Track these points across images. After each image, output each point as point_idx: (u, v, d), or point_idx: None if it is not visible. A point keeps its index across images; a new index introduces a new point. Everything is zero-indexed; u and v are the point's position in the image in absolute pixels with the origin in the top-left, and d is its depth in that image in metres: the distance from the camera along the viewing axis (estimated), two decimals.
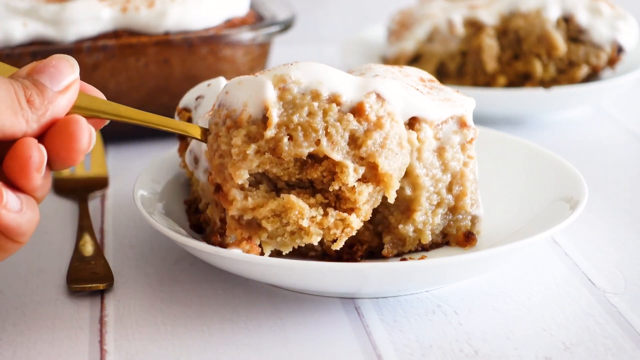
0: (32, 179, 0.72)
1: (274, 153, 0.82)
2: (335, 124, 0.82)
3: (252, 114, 0.82)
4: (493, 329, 0.82)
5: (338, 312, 0.85)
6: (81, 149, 0.73)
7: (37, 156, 0.72)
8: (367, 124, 0.82)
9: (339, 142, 0.82)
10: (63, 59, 0.75)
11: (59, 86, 0.74)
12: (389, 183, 0.83)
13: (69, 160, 0.74)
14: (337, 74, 0.84)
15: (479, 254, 0.81)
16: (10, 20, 1.17)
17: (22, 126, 0.72)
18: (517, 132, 1.28)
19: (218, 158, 0.83)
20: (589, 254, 0.95)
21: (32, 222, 0.74)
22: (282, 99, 0.82)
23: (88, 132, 0.74)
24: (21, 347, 0.80)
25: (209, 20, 1.22)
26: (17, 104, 0.71)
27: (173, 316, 0.85)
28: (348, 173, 0.82)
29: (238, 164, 0.81)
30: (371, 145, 0.82)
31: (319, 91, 0.82)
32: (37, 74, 0.74)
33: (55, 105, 0.73)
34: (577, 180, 0.94)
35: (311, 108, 0.82)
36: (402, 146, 0.84)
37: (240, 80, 0.83)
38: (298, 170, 0.83)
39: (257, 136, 0.81)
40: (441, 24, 1.37)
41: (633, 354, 0.78)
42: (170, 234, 0.85)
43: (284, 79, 0.82)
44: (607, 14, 1.35)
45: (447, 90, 0.93)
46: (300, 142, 0.81)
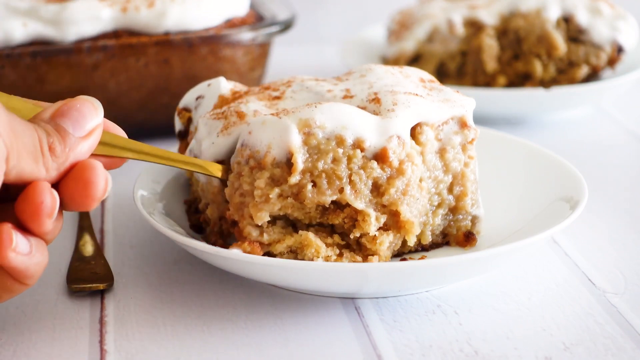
0: (43, 224, 0.71)
1: (296, 198, 0.82)
2: (359, 171, 0.82)
3: (277, 157, 0.82)
4: (493, 329, 0.82)
5: (338, 312, 0.85)
6: (96, 197, 0.73)
7: (50, 202, 0.71)
8: (390, 170, 0.83)
9: (362, 191, 0.82)
10: (87, 101, 0.74)
11: (82, 132, 0.73)
12: (410, 230, 0.85)
13: (84, 206, 0.73)
14: (360, 116, 0.84)
15: (479, 254, 0.81)
16: (11, 20, 1.17)
17: (42, 174, 0.71)
18: (517, 132, 1.28)
19: (239, 197, 0.83)
20: (589, 254, 0.96)
21: (40, 265, 0.73)
22: (307, 144, 0.82)
23: (104, 179, 0.73)
24: (21, 346, 0.80)
25: (209, 20, 1.22)
26: (39, 152, 0.70)
27: (173, 316, 0.85)
28: (370, 222, 0.83)
29: (260, 205, 0.82)
30: (394, 193, 0.83)
31: (343, 136, 0.82)
32: (61, 118, 0.72)
33: (77, 152, 0.72)
34: (577, 180, 0.94)
35: (336, 154, 0.82)
36: (421, 188, 0.86)
37: (264, 120, 0.83)
38: (319, 215, 0.84)
39: (280, 180, 0.82)
40: (441, 24, 1.37)
41: (633, 354, 0.78)
42: (170, 234, 0.85)
43: (309, 123, 0.82)
44: (607, 14, 1.35)
45: (447, 91, 0.93)
46: (324, 189, 0.82)
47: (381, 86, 0.91)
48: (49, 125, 0.72)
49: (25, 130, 0.70)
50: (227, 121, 0.90)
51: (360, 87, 0.91)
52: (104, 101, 1.24)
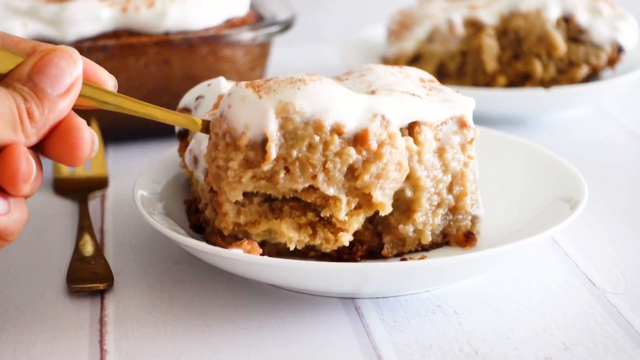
0: (20, 190, 0.71)
1: (269, 181, 0.83)
2: (335, 159, 0.82)
3: (252, 138, 0.81)
4: (493, 329, 0.82)
5: (338, 312, 0.85)
6: (84, 157, 0.72)
7: (26, 168, 0.70)
8: (368, 153, 0.83)
9: (336, 177, 0.83)
10: (65, 55, 0.72)
11: (61, 89, 0.72)
12: (382, 209, 0.86)
13: (72, 164, 0.73)
14: (344, 98, 0.83)
15: (479, 254, 0.81)
16: (11, 20, 1.17)
17: (21, 140, 0.70)
18: (517, 132, 1.28)
19: (215, 168, 0.84)
20: (589, 254, 0.95)
21: (20, 222, 0.73)
22: (284, 128, 0.82)
23: (90, 140, 0.72)
24: (21, 346, 0.80)
25: (209, 20, 1.22)
26: (18, 120, 0.69)
27: (173, 316, 0.85)
28: (340, 208, 0.84)
29: (233, 184, 0.83)
30: (367, 179, 0.83)
31: (322, 122, 0.82)
32: (38, 76, 0.71)
33: (56, 112, 0.71)
34: (577, 180, 0.94)
35: (312, 141, 0.82)
36: (401, 168, 0.85)
37: (244, 96, 0.83)
38: (292, 193, 0.85)
39: (254, 163, 0.82)
40: (441, 24, 1.37)
41: (633, 354, 0.78)
42: (171, 234, 0.85)
43: (288, 108, 0.81)
44: (607, 14, 1.35)
45: (446, 91, 0.93)
46: (297, 177, 0.82)
47: (380, 86, 0.91)
48: (26, 88, 0.71)
49: (2, 98, 0.69)
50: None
51: (359, 86, 0.91)
52: None
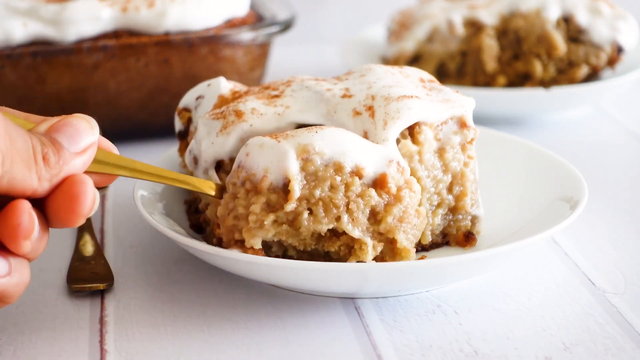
0: (21, 246, 0.69)
1: (291, 225, 0.81)
2: (357, 200, 0.81)
3: (273, 182, 0.80)
4: (493, 329, 0.82)
5: (338, 312, 0.85)
6: (82, 213, 0.70)
7: (27, 223, 0.69)
8: (388, 197, 0.82)
9: (360, 219, 0.81)
10: (83, 119, 0.73)
11: (77, 148, 0.71)
12: (405, 257, 0.84)
13: (68, 222, 0.71)
14: (359, 143, 0.83)
15: (479, 254, 0.81)
16: (11, 20, 1.17)
17: (34, 182, 0.69)
18: (517, 132, 1.28)
19: (232, 219, 0.82)
20: (589, 254, 0.96)
21: (20, 286, 0.71)
22: (305, 170, 0.81)
23: (92, 195, 0.71)
24: (21, 346, 0.80)
25: (209, 20, 1.22)
26: (33, 159, 0.68)
27: (173, 316, 0.85)
28: (367, 252, 0.82)
29: (254, 231, 0.81)
30: (391, 221, 0.82)
31: (342, 163, 0.81)
32: (56, 133, 0.71)
33: (71, 166, 0.70)
34: (577, 180, 0.94)
35: (333, 182, 0.81)
36: (419, 213, 0.84)
37: (262, 143, 0.82)
38: (315, 242, 0.83)
39: (276, 206, 0.80)
40: (441, 24, 1.37)
41: (633, 354, 0.78)
42: (171, 234, 0.85)
43: (308, 149, 0.81)
44: (607, 14, 1.35)
45: (446, 91, 0.93)
46: (321, 218, 0.80)
47: (380, 86, 0.90)
48: (44, 137, 0.70)
49: (20, 135, 0.68)
50: (225, 121, 0.90)
51: (359, 86, 0.91)
52: (104, 101, 1.25)
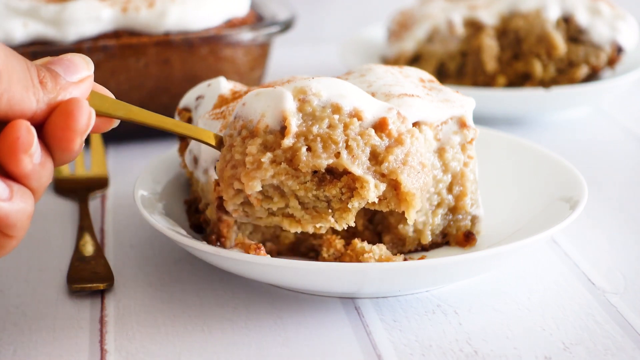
0: (21, 162, 0.67)
1: (290, 164, 0.78)
2: (357, 137, 0.78)
3: (270, 124, 0.78)
4: (493, 328, 0.82)
5: (338, 312, 0.85)
6: (78, 129, 0.69)
7: (26, 136, 0.67)
8: (389, 139, 0.79)
9: (360, 156, 0.78)
10: (78, 56, 0.73)
11: (73, 77, 0.71)
12: (410, 203, 0.79)
13: (65, 141, 0.69)
14: (359, 90, 0.82)
15: (478, 254, 0.81)
16: (11, 20, 1.17)
17: (32, 104, 0.68)
18: (517, 132, 1.28)
19: (230, 169, 0.79)
20: (589, 253, 0.96)
21: (23, 213, 0.69)
22: (302, 111, 0.79)
23: (88, 113, 0.69)
24: (22, 346, 0.81)
25: (209, 20, 1.22)
26: (30, 81, 0.68)
27: (173, 316, 0.85)
28: (369, 188, 0.78)
29: (252, 173, 0.77)
30: (393, 161, 0.78)
31: (340, 105, 0.79)
32: (52, 64, 0.71)
33: (67, 93, 0.70)
34: (577, 180, 0.94)
35: (332, 121, 0.79)
36: (423, 165, 0.81)
37: (258, 92, 0.81)
38: (315, 186, 0.79)
39: (273, 145, 0.78)
40: (441, 24, 1.37)
41: (633, 353, 0.78)
42: (171, 234, 0.86)
43: (304, 90, 0.80)
44: (606, 14, 1.35)
45: (446, 91, 0.93)
46: (319, 153, 0.78)
47: (380, 86, 0.91)
48: (40, 65, 0.70)
49: (15, 56, 0.68)
50: (225, 121, 0.90)
51: (359, 86, 0.92)
52: None
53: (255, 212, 0.81)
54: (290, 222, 0.81)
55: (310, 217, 0.80)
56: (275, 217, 0.81)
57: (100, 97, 0.74)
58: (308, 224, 0.80)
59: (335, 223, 0.80)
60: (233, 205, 0.80)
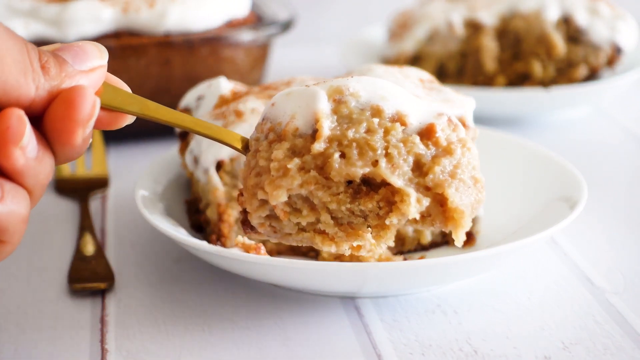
0: (11, 155, 0.60)
1: (321, 172, 0.68)
2: (398, 144, 0.68)
3: (300, 127, 0.69)
4: (492, 328, 0.82)
5: (338, 311, 0.85)
6: (79, 119, 0.61)
7: (16, 126, 0.60)
8: (436, 148, 0.69)
9: (401, 166, 0.68)
10: (91, 43, 0.66)
11: (82, 66, 0.64)
12: (459, 221, 0.69)
13: (65, 132, 0.62)
14: (404, 92, 0.72)
15: (478, 253, 0.81)
16: (12, 20, 1.17)
17: (30, 90, 0.61)
18: (517, 132, 1.29)
19: (254, 177, 0.70)
20: (588, 253, 0.96)
21: (15, 216, 0.62)
22: (337, 113, 0.69)
23: (91, 101, 0.62)
24: (23, 346, 0.81)
25: (209, 21, 1.22)
26: (28, 64, 0.61)
27: (174, 315, 0.85)
28: (410, 203, 0.68)
29: (277, 181, 0.68)
30: (439, 172, 0.68)
31: (381, 107, 0.70)
32: (61, 51, 0.64)
33: (73, 81, 0.62)
34: (577, 180, 0.95)
35: (370, 125, 0.69)
36: (476, 180, 0.71)
37: (289, 91, 0.71)
38: (349, 198, 0.69)
39: (302, 151, 0.68)
40: (441, 25, 1.37)
41: (632, 353, 0.79)
42: (171, 234, 0.86)
43: (341, 90, 0.70)
44: (606, 14, 1.35)
45: (446, 91, 0.93)
46: (354, 160, 0.68)
47: None
48: (45, 50, 0.63)
49: (10, 35, 0.61)
50: (226, 121, 0.90)
51: None
52: None
53: (283, 227, 0.71)
54: (323, 239, 0.71)
55: (344, 235, 0.71)
56: (306, 232, 0.71)
57: (113, 90, 0.66)
58: (343, 241, 0.71)
59: (373, 242, 0.71)
60: (258, 219, 0.70)
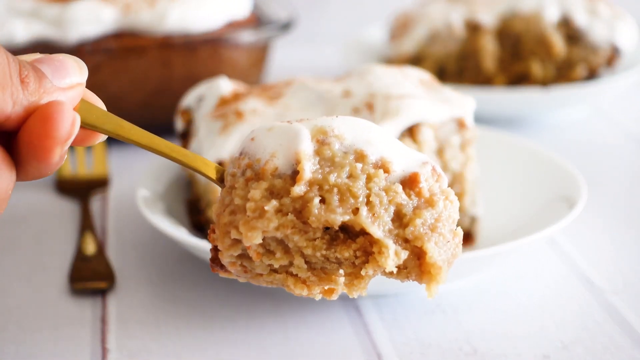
0: None
1: (299, 216, 0.66)
2: (380, 193, 0.66)
3: (280, 167, 0.66)
4: (492, 327, 0.82)
5: (338, 311, 0.85)
6: (58, 136, 0.58)
7: None
8: (418, 199, 0.67)
9: (382, 216, 0.66)
10: (72, 58, 0.63)
11: (61, 82, 0.61)
12: (435, 276, 0.66)
13: (42, 149, 0.58)
14: (389, 137, 0.69)
15: (478, 253, 0.82)
16: (13, 21, 1.18)
17: (7, 106, 0.58)
18: (517, 132, 1.29)
19: (228, 215, 0.66)
20: (588, 253, 0.96)
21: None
22: (319, 154, 0.66)
23: (71, 118, 0.59)
24: (24, 345, 0.81)
25: (210, 21, 1.22)
26: (8, 77, 0.58)
27: (174, 315, 0.85)
28: (388, 256, 0.65)
29: (252, 222, 0.65)
30: (420, 225, 0.66)
31: (365, 152, 0.67)
32: (39, 64, 0.61)
33: (51, 98, 0.60)
34: (576, 180, 0.95)
35: (353, 170, 0.66)
36: (455, 234, 0.68)
37: (271, 127, 0.67)
38: (326, 245, 0.67)
39: (281, 192, 0.65)
40: (441, 25, 1.37)
41: (631, 352, 0.79)
42: (172, 234, 0.86)
43: (325, 130, 0.67)
44: (605, 15, 1.35)
45: (446, 91, 0.93)
46: (334, 206, 0.65)
47: (380, 86, 0.91)
48: (25, 61, 0.60)
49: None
50: (226, 121, 0.90)
51: (359, 86, 0.92)
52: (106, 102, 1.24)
53: (255, 267, 0.68)
54: (296, 282, 0.68)
55: (317, 279, 0.68)
56: (278, 274, 0.68)
57: (88, 107, 0.64)
58: (315, 285, 0.68)
59: (345, 288, 0.68)
60: (229, 258, 0.68)
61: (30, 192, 1.11)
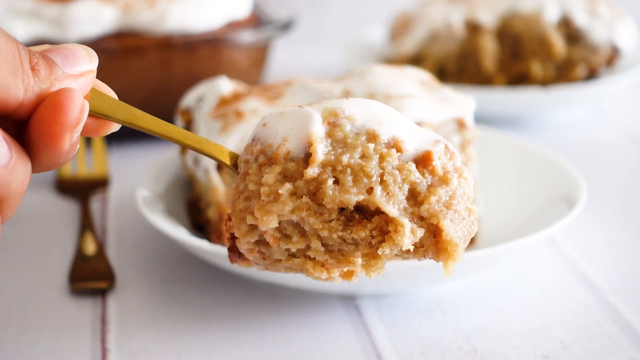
0: None
1: (313, 198, 0.66)
2: (394, 172, 0.66)
3: (292, 151, 0.66)
4: (492, 327, 0.82)
5: (338, 311, 0.86)
6: (67, 122, 0.59)
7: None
8: (432, 177, 0.67)
9: (396, 195, 0.66)
10: (81, 46, 0.63)
11: (72, 69, 0.61)
12: (451, 254, 0.66)
13: (51, 136, 0.59)
14: (401, 117, 0.69)
15: (478, 253, 0.82)
16: (13, 21, 1.18)
17: (19, 92, 0.58)
18: (517, 132, 1.29)
19: (243, 201, 0.67)
20: (587, 253, 0.96)
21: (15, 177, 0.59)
22: (331, 137, 0.67)
23: (80, 105, 0.60)
24: (24, 345, 0.81)
25: (210, 21, 1.22)
26: (19, 64, 0.58)
27: (174, 315, 0.85)
28: (404, 234, 0.65)
29: (267, 206, 0.65)
30: (435, 202, 0.66)
31: (377, 132, 0.67)
32: (50, 53, 0.61)
33: (62, 85, 0.60)
34: (576, 180, 0.95)
35: (365, 150, 0.66)
36: (470, 211, 0.68)
37: (282, 111, 0.68)
38: (342, 226, 0.67)
39: (294, 175, 0.66)
40: (441, 26, 1.37)
41: (631, 352, 0.79)
42: (172, 233, 0.86)
43: (336, 112, 0.67)
44: (605, 15, 1.35)
45: (446, 91, 0.93)
46: (348, 187, 0.65)
47: (380, 86, 0.91)
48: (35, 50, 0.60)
49: (4, 36, 0.58)
50: (226, 121, 0.90)
51: (359, 86, 0.92)
52: None
53: (273, 252, 0.69)
54: (315, 265, 0.68)
55: (335, 261, 0.68)
56: (296, 259, 0.69)
57: (100, 96, 0.64)
58: (334, 268, 0.68)
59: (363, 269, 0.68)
60: (247, 244, 0.68)
61: (30, 192, 1.11)
